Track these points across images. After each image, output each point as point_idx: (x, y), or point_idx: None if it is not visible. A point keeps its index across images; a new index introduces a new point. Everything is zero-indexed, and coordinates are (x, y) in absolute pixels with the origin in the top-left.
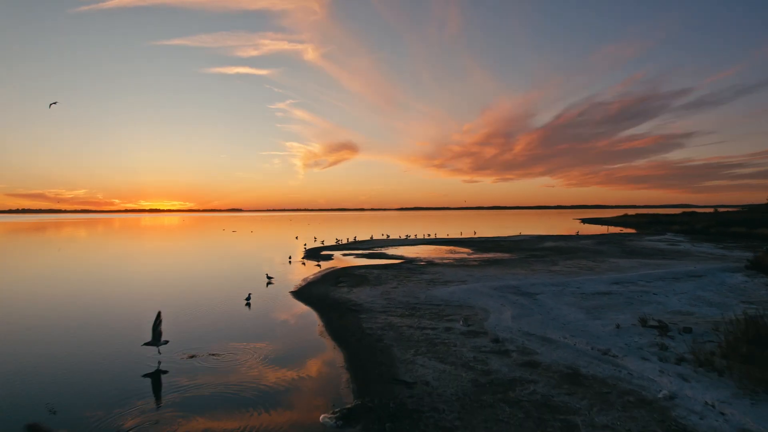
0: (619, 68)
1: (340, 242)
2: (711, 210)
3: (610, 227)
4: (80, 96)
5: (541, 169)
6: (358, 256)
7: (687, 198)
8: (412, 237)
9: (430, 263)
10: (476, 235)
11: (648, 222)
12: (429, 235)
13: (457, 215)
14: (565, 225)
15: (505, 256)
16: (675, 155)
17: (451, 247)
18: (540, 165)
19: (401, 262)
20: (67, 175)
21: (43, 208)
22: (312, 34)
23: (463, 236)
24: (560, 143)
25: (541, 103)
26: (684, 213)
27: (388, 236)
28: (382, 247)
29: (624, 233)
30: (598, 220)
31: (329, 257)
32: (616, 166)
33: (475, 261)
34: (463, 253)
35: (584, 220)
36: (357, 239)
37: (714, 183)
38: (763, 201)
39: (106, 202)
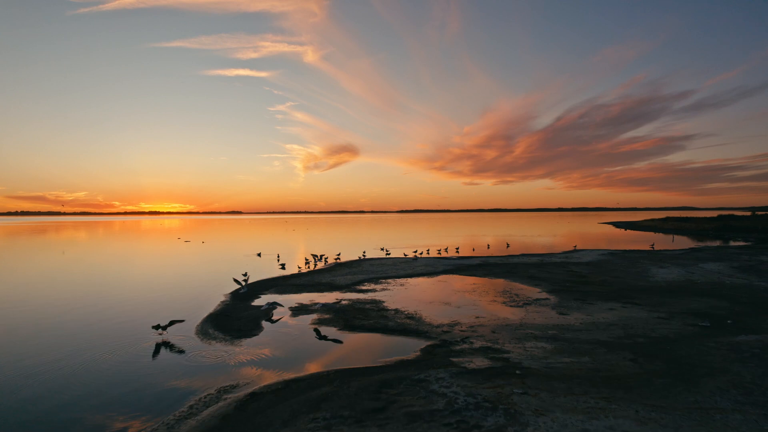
0: (620, 70)
1: (309, 266)
2: (750, 213)
3: (674, 236)
4: (80, 98)
5: (541, 172)
6: (322, 318)
7: (687, 200)
8: (424, 254)
9: (509, 366)
10: (510, 250)
11: (715, 229)
12: (446, 250)
13: (460, 218)
14: (604, 231)
15: (643, 316)
16: (676, 157)
17: (504, 283)
18: (540, 167)
19: (427, 359)
20: (67, 178)
21: (42, 210)
22: (312, 35)
23: (495, 253)
24: (561, 145)
25: (541, 105)
26: (727, 216)
27: (389, 253)
28: (377, 280)
29: (730, 247)
30: (631, 225)
31: (258, 321)
32: (616, 168)
33: (612, 349)
34: (540, 303)
35: (618, 225)
36: (339, 259)
37: (715, 185)
38: (765, 203)
39: (106, 205)
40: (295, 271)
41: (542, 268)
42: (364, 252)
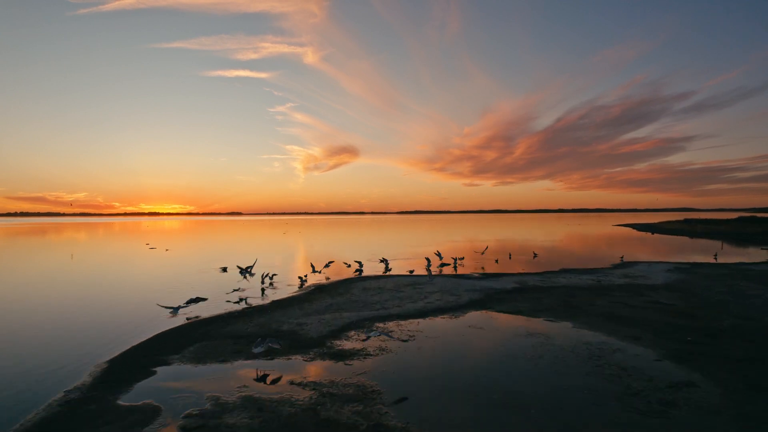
0: (620, 70)
1: (271, 282)
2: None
3: (724, 244)
4: (80, 98)
5: (541, 173)
6: None
7: (687, 201)
8: (436, 270)
9: None
10: (540, 261)
11: (756, 234)
12: (461, 260)
13: (461, 219)
14: (628, 235)
15: None
16: (675, 159)
17: (577, 333)
18: (540, 168)
19: None
20: (67, 178)
21: (42, 211)
22: (312, 36)
23: (524, 266)
24: (561, 146)
25: (541, 106)
26: (748, 217)
27: (389, 269)
28: (371, 324)
29: None
30: (651, 227)
31: None
32: (616, 169)
33: None
34: (691, 400)
35: (639, 228)
36: (328, 277)
37: (714, 186)
38: (764, 205)
39: (106, 206)
40: (242, 307)
41: (610, 297)
42: (360, 266)
